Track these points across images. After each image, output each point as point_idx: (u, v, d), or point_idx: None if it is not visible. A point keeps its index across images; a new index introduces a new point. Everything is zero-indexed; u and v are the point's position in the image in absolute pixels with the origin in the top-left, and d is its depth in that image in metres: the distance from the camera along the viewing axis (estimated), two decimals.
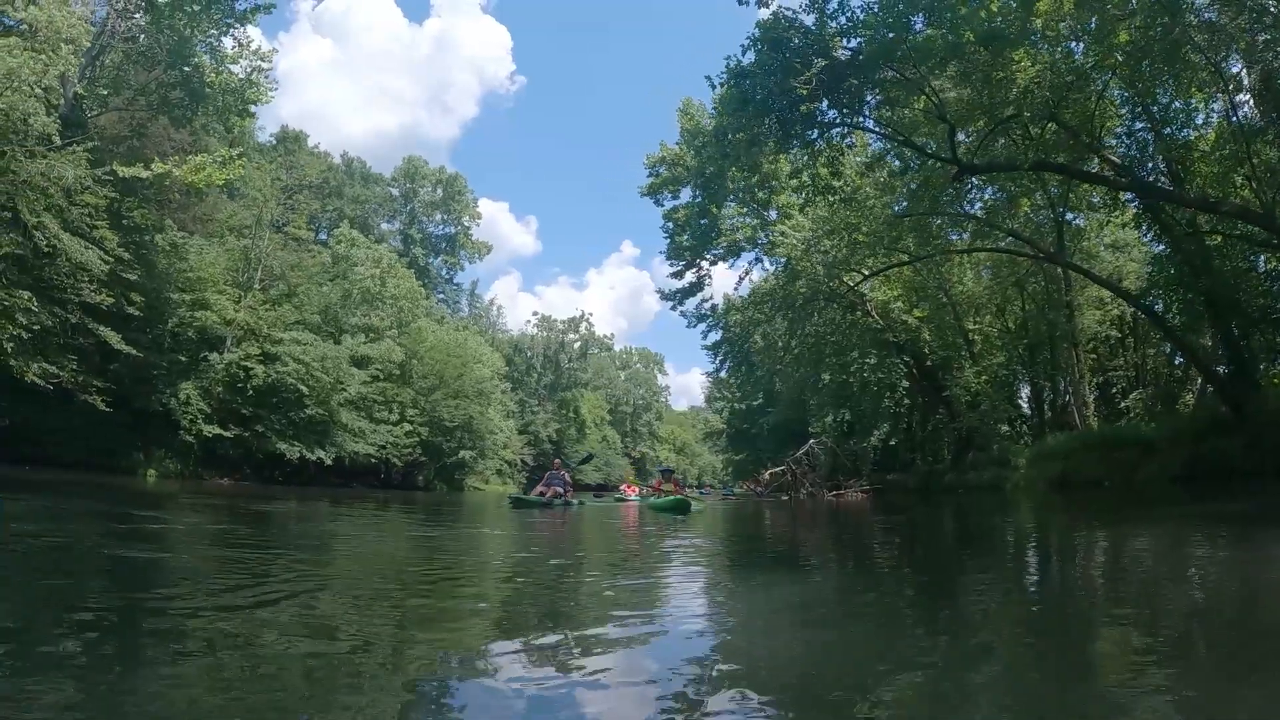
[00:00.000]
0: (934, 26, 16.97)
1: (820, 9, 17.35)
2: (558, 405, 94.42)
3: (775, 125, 18.79)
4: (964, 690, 3.32)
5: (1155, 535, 10.54)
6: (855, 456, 42.05)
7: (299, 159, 60.66)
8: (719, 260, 46.44)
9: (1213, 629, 4.58)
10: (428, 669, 3.38)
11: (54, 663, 3.11)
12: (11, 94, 18.18)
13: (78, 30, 19.62)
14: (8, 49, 18.29)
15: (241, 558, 7.25)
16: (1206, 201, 17.30)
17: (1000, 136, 18.80)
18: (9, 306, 19.99)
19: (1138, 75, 17.34)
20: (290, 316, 33.90)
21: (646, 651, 3.88)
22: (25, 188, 20.68)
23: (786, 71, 17.64)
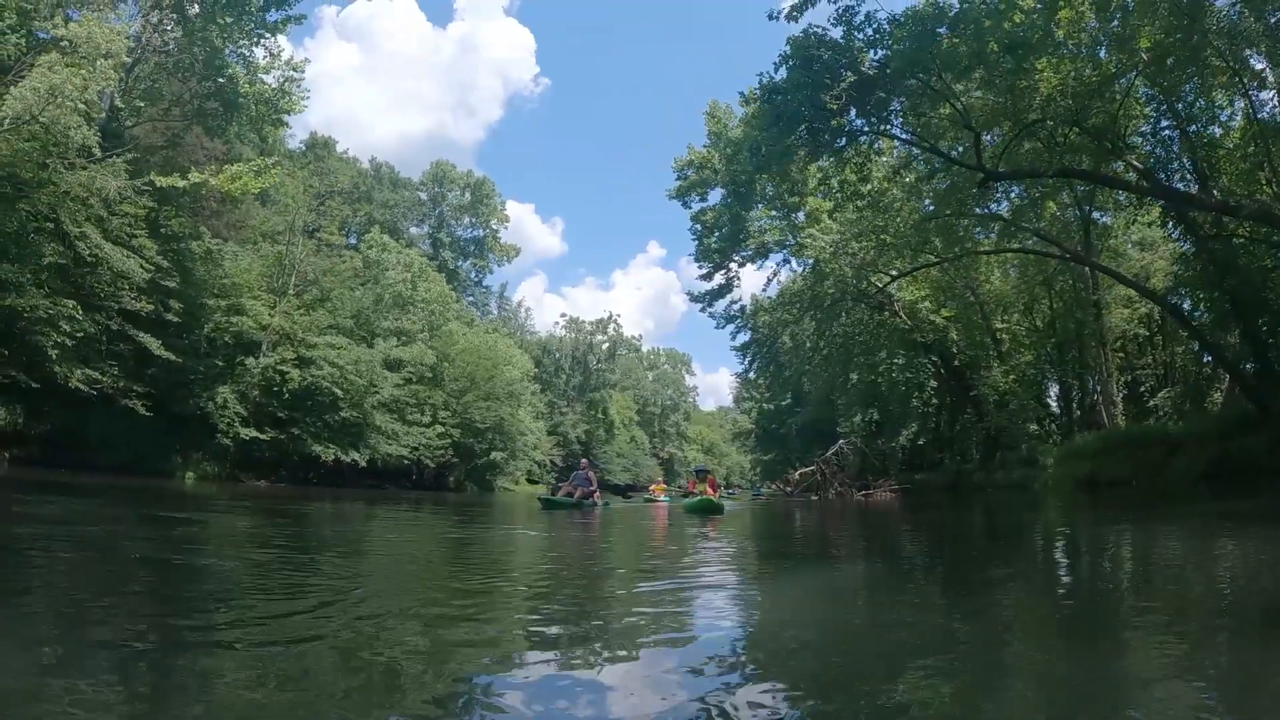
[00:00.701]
0: (958, 37, 17.20)
1: (848, 21, 17.69)
2: (586, 406, 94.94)
3: (805, 135, 19.41)
4: (992, 683, 3.40)
5: (1175, 532, 10.71)
6: (884, 456, 42.15)
7: (328, 165, 61.46)
8: (747, 262, 46.67)
9: (1232, 621, 4.70)
10: (462, 667, 3.42)
11: (100, 658, 3.28)
12: (54, 109, 18.66)
13: (117, 45, 20.08)
14: (49, 65, 18.79)
15: (282, 558, 7.55)
16: (1227, 205, 17.34)
17: (1025, 141, 18.93)
18: (53, 315, 20.52)
19: (1161, 73, 17.38)
20: (324, 321, 34.35)
21: (677, 644, 3.99)
22: (66, 199, 21.24)
23: (817, 87, 18.31)
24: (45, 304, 20.35)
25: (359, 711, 2.73)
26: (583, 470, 23.23)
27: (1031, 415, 35.25)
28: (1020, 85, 17.32)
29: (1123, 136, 19.37)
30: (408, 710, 2.81)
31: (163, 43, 25.22)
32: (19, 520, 9.43)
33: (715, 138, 44.56)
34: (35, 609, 4.30)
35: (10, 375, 19.95)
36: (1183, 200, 19.21)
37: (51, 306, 20.50)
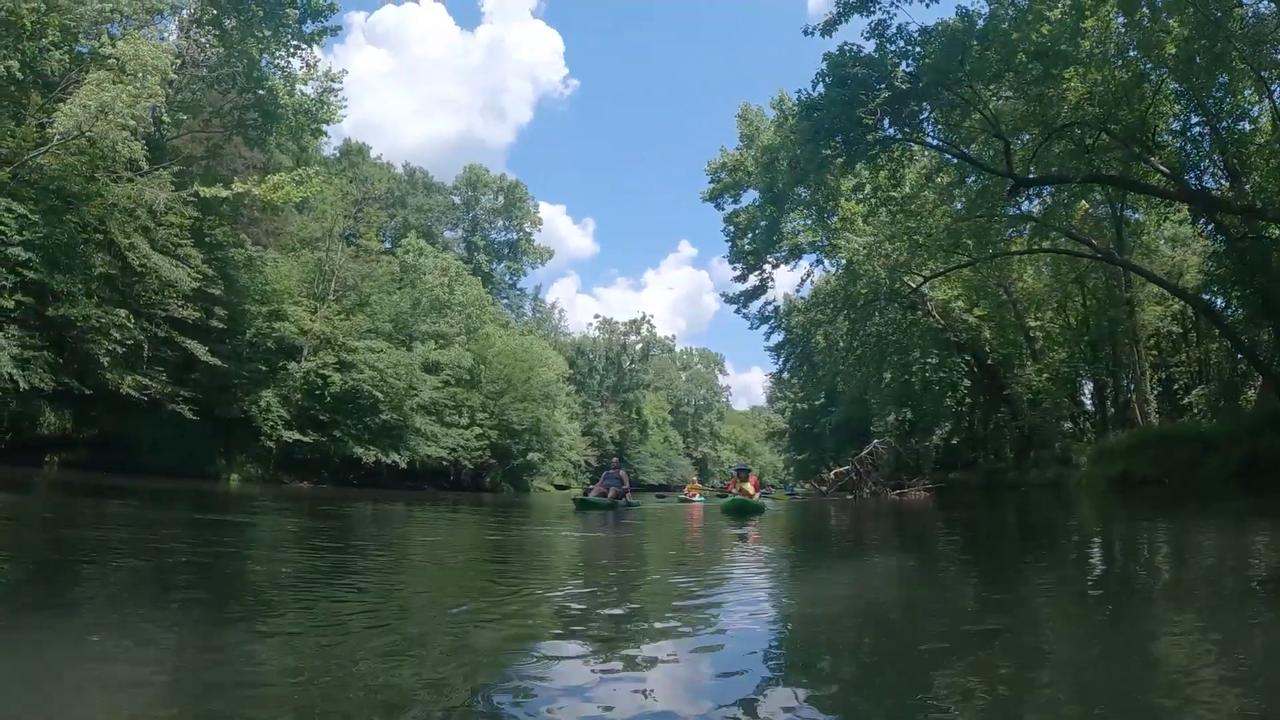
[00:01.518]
0: (987, 49, 17.54)
1: (880, 34, 18.12)
2: (620, 407, 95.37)
3: (841, 145, 20.15)
4: (1027, 676, 3.48)
5: (1205, 528, 10.91)
6: (917, 455, 42.16)
7: (363, 171, 62.23)
8: (781, 263, 46.80)
9: (1264, 612, 4.91)
10: (499, 665, 3.52)
11: (147, 648, 3.55)
12: (103, 124, 19.27)
13: (163, 62, 20.70)
14: (98, 82, 19.43)
15: (328, 557, 7.89)
16: (1252, 206, 17.46)
17: (1056, 143, 19.10)
18: (105, 324, 21.18)
19: (1190, 72, 17.48)
20: (364, 325, 34.93)
21: (712, 640, 4.14)
22: (114, 211, 21.91)
23: (853, 102, 18.98)
24: (98, 313, 21.00)
25: (395, 706, 2.85)
26: (614, 470, 23.10)
27: (1065, 413, 35.18)
28: (1048, 94, 17.54)
29: (1152, 136, 19.46)
30: (444, 706, 2.88)
31: (204, 57, 25.79)
32: (78, 523, 9.91)
33: (747, 140, 44.85)
34: (91, 603, 4.63)
35: (64, 382, 20.57)
36: (1209, 202, 19.38)
37: (104, 315, 21.15)
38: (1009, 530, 14.76)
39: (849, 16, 18.78)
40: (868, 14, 18.64)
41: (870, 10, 18.57)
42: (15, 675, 2.96)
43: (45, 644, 3.41)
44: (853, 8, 18.58)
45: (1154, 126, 19.40)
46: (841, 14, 18.84)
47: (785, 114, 40.86)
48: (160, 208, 22.72)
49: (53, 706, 2.68)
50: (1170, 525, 12.14)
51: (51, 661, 3.13)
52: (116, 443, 24.99)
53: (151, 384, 23.61)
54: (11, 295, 18.98)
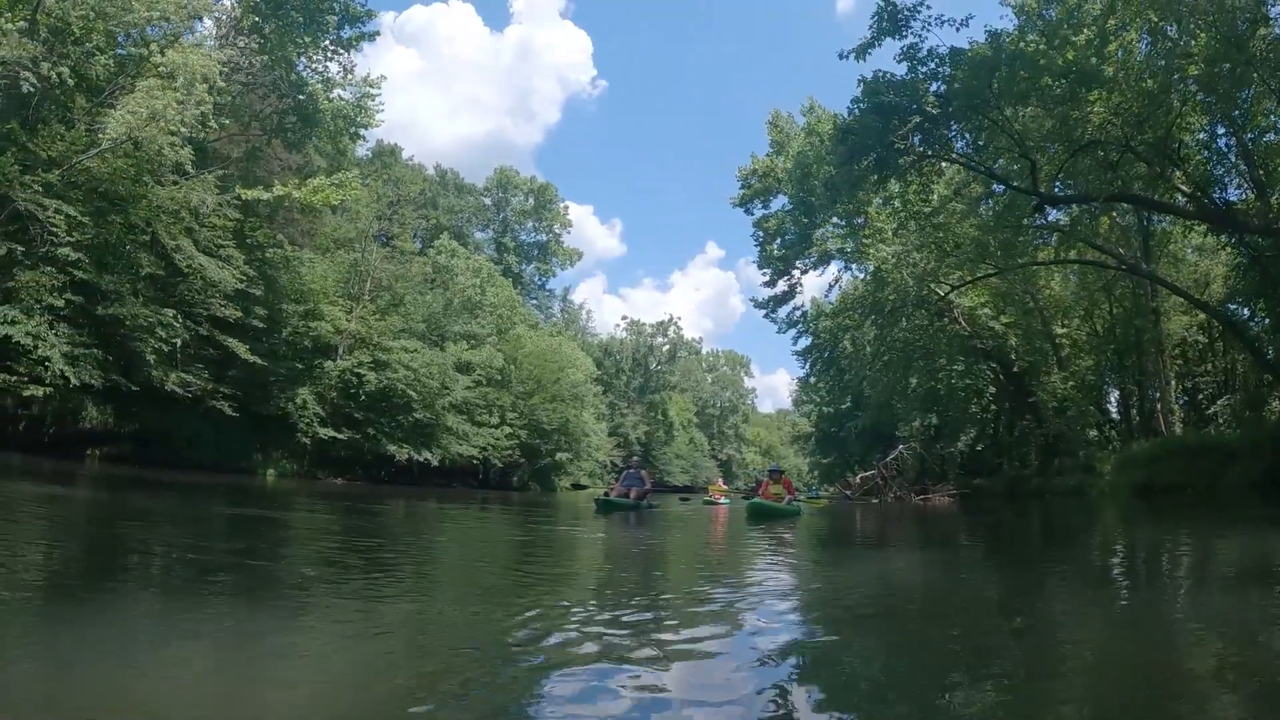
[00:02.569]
0: (1013, 74, 18.02)
1: (911, 57, 18.64)
2: (646, 408, 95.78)
3: (874, 164, 20.79)
4: (1046, 676, 3.60)
5: (1223, 536, 11.20)
6: (942, 461, 42.33)
7: (395, 172, 62.88)
8: (809, 269, 47.00)
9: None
10: (519, 664, 3.53)
11: (183, 637, 3.72)
12: (153, 130, 19.89)
13: (211, 71, 21.30)
14: (148, 90, 20.05)
15: (366, 553, 8.11)
16: (1269, 226, 17.65)
17: (1081, 158, 19.38)
18: (151, 322, 21.82)
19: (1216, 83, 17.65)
20: (398, 325, 35.58)
21: (732, 640, 4.17)
22: (160, 213, 22.54)
23: (885, 128, 19.81)
24: (145, 312, 21.64)
25: (416, 701, 2.90)
26: (634, 469, 22.12)
27: (1091, 421, 35.24)
28: (1073, 114, 17.86)
29: (1178, 150, 19.64)
30: (465, 702, 2.94)
31: (248, 64, 26.32)
32: (124, 516, 10.29)
33: (777, 147, 45.19)
34: (134, 596, 4.86)
35: (112, 379, 21.18)
36: (1228, 221, 19.57)
37: (151, 315, 21.79)
38: (1031, 535, 15.16)
39: (882, 40, 19.37)
40: (900, 38, 19.22)
41: (902, 34, 19.14)
42: (60, 666, 3.06)
43: (88, 634, 3.59)
44: (885, 31, 19.16)
45: (1179, 140, 19.53)
46: (875, 38, 19.41)
47: (815, 120, 41.33)
48: (207, 210, 23.33)
49: (87, 696, 2.79)
50: (1188, 532, 12.45)
51: (91, 652, 3.27)
52: (157, 438, 25.53)
53: (194, 381, 24.20)
54: (62, 294, 19.58)
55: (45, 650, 3.31)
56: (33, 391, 19.04)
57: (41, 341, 18.88)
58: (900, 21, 18.96)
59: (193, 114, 20.45)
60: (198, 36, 26.69)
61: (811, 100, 43.86)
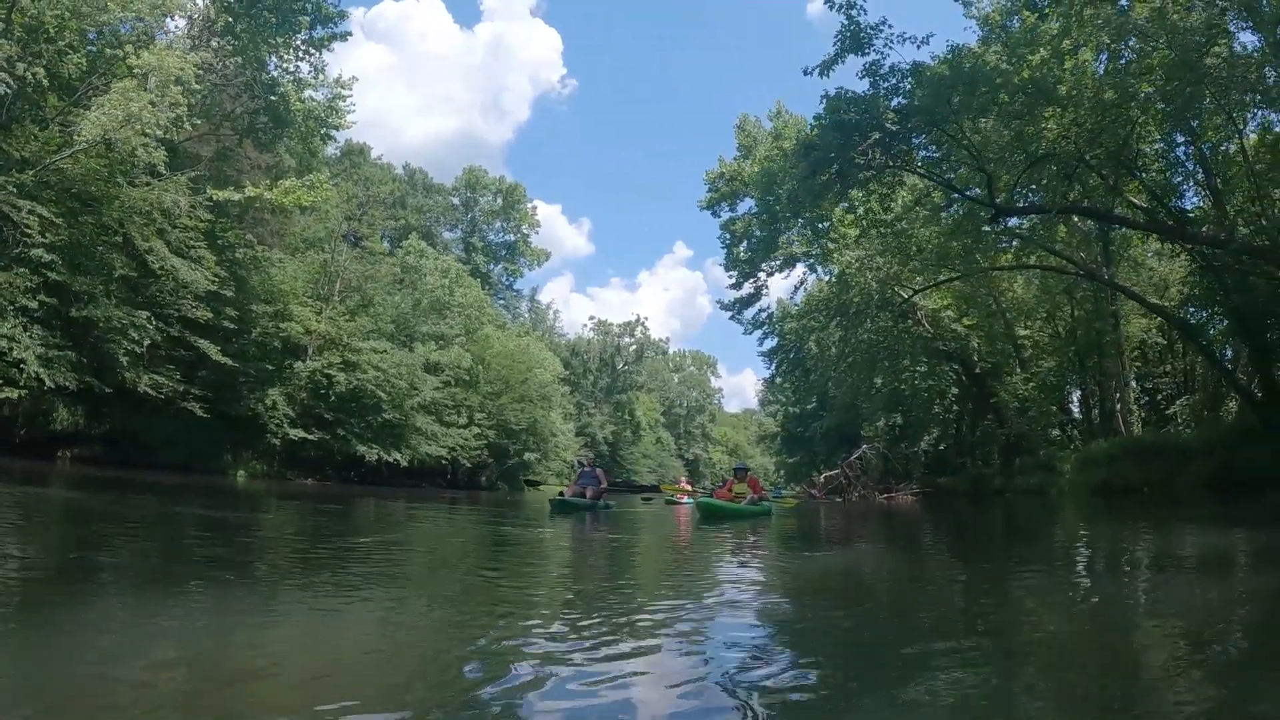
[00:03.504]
0: (972, 92, 18.67)
1: (874, 73, 19.17)
2: (614, 408, 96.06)
3: (835, 177, 21.30)
4: (1006, 670, 3.65)
5: (1174, 533, 11.66)
6: (906, 460, 42.99)
7: (364, 171, 62.74)
8: (775, 272, 47.51)
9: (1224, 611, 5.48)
10: (484, 665, 3.46)
11: (159, 632, 3.76)
12: (128, 131, 19.95)
13: (187, 73, 21.36)
14: (124, 92, 20.11)
15: (337, 552, 8.21)
16: (1216, 238, 18.34)
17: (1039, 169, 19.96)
18: (124, 324, 21.86)
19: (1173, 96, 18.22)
20: (367, 326, 35.67)
21: (696, 637, 4.13)
22: (133, 215, 22.54)
23: (847, 145, 20.30)
24: (119, 314, 21.68)
25: (387, 701, 2.91)
26: (589, 468, 21.50)
27: (1053, 421, 35.91)
28: (1029, 132, 18.45)
29: (1134, 159, 20.23)
30: (435, 701, 2.95)
31: (221, 64, 26.38)
32: (96, 517, 10.30)
33: (745, 150, 45.78)
34: (108, 595, 4.88)
35: (85, 381, 21.21)
36: (1175, 233, 20.31)
37: (124, 316, 21.84)
38: (991, 532, 15.59)
39: (845, 57, 19.90)
40: (863, 54, 19.74)
41: (865, 52, 19.67)
42: (34, 666, 3.10)
43: (61, 633, 3.64)
44: (848, 49, 19.71)
45: (1136, 150, 20.10)
46: (838, 55, 19.94)
47: (782, 124, 42.02)
48: (181, 212, 23.34)
49: (64, 694, 2.82)
50: (1143, 529, 12.95)
51: (65, 651, 3.32)
52: (127, 439, 25.56)
53: (166, 382, 24.22)
54: (35, 296, 19.61)
55: (19, 649, 3.35)
56: (7, 394, 19.09)
57: (15, 344, 18.95)
58: (863, 39, 19.51)
59: (167, 116, 20.51)
60: (171, 36, 26.63)
61: (779, 105, 44.68)
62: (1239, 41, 18.06)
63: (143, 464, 24.41)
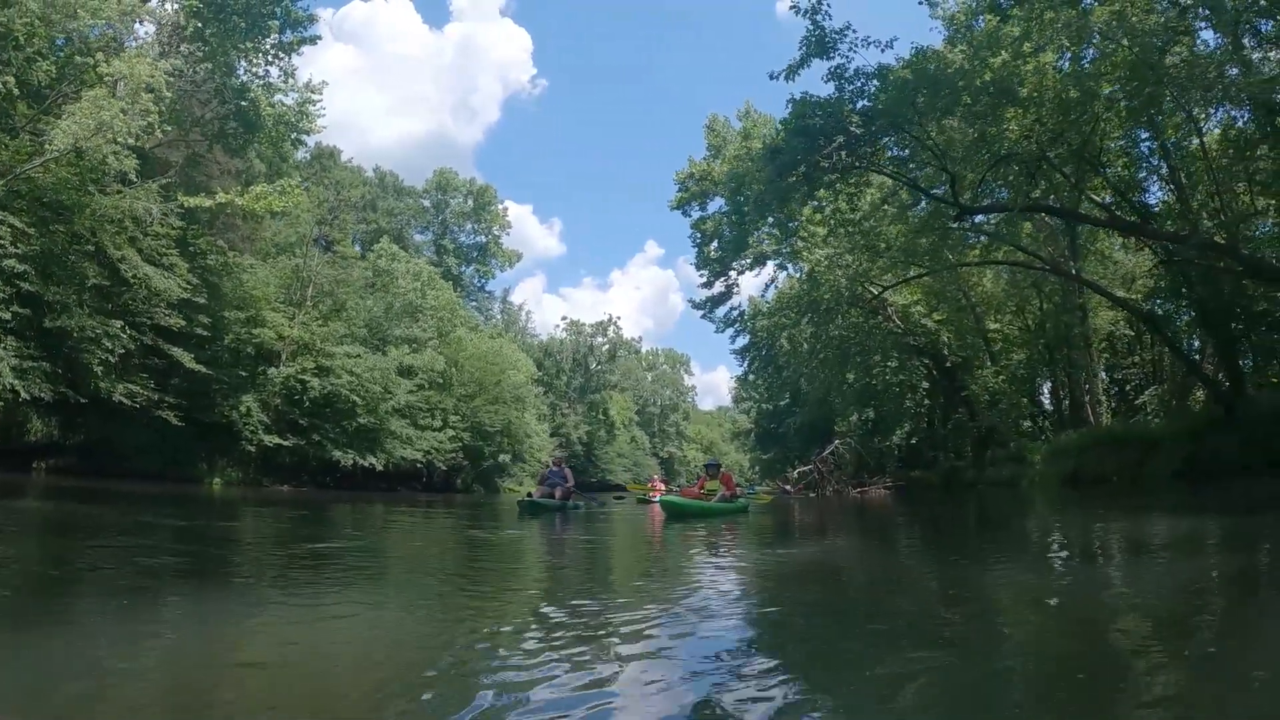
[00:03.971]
0: (934, 95, 19.09)
1: (839, 77, 19.53)
2: (587, 408, 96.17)
3: (801, 178, 21.66)
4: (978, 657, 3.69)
5: (1139, 521, 11.86)
6: (879, 454, 43.43)
7: (334, 175, 62.56)
8: (746, 270, 47.83)
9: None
10: (461, 667, 3.47)
11: (134, 645, 3.72)
12: (99, 140, 19.90)
13: (158, 81, 21.32)
14: (96, 100, 20.04)
15: (316, 558, 8.14)
16: (1175, 235, 18.79)
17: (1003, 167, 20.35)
18: (99, 334, 21.80)
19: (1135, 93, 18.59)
20: (340, 330, 35.61)
21: (670, 640, 4.06)
22: (104, 223, 22.47)
23: (812, 148, 20.68)
24: (93, 324, 21.62)
25: (366, 704, 2.96)
26: (557, 467, 20.65)
27: (1024, 413, 36.42)
28: (991, 133, 18.83)
29: (1098, 155, 20.61)
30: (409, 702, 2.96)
31: (191, 70, 26.31)
32: (75, 527, 10.32)
33: (714, 150, 46.09)
34: (86, 601, 4.96)
35: (60, 391, 21.14)
36: (1134, 229, 20.78)
37: (98, 326, 21.77)
38: (959, 523, 15.89)
39: (810, 62, 20.32)
40: (828, 59, 20.14)
41: (830, 56, 20.08)
42: (15, 675, 3.14)
43: (45, 640, 3.67)
44: (814, 54, 20.12)
45: (1100, 147, 20.45)
46: (803, 59, 20.36)
47: (751, 124, 42.37)
48: (155, 219, 23.30)
49: (48, 698, 2.86)
50: (1109, 517, 13.23)
51: (50, 656, 3.37)
52: (102, 448, 25.43)
53: (141, 391, 24.15)
54: (8, 307, 19.53)
55: (3, 655, 3.39)
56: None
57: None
58: (828, 44, 19.91)
59: (139, 124, 20.47)
60: (140, 41, 26.54)
61: (748, 105, 45.03)
62: (1201, 39, 18.52)
63: (118, 473, 24.24)
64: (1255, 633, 4.12)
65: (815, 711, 2.94)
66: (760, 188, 23.75)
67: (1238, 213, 19.07)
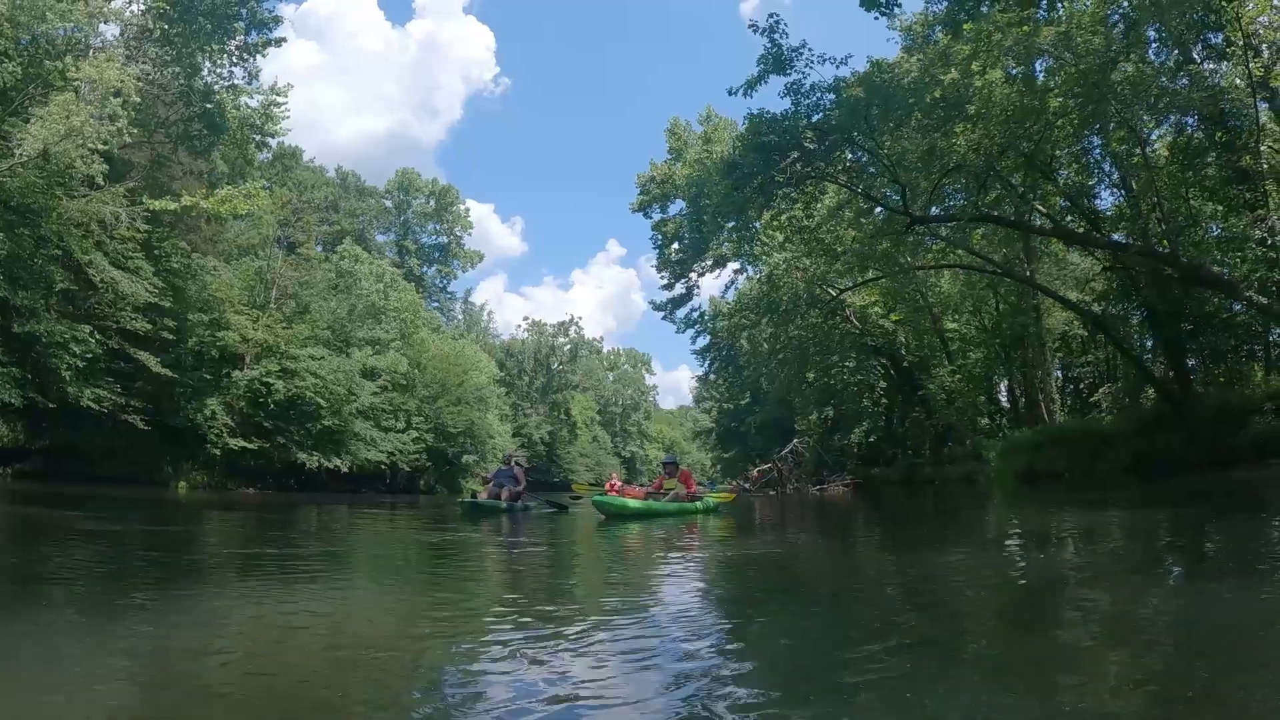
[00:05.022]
0: (886, 110, 19.84)
1: (795, 91, 20.24)
2: (549, 408, 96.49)
3: (757, 190, 22.39)
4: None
5: (1087, 513, 12.46)
6: (839, 452, 44.05)
7: (296, 175, 62.31)
8: (706, 272, 48.30)
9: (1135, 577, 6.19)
10: (437, 674, 3.51)
11: (106, 649, 3.72)
12: (68, 144, 19.93)
13: (128, 85, 21.38)
14: (65, 105, 20.07)
15: (284, 562, 8.13)
16: (1118, 244, 19.58)
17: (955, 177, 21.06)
18: (66, 339, 21.83)
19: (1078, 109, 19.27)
20: (304, 332, 35.67)
21: (641, 640, 4.08)
22: (70, 227, 22.49)
23: (768, 164, 21.49)
24: (61, 329, 21.65)
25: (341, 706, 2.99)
26: (508, 466, 19.46)
27: (982, 411, 37.10)
28: (941, 145, 19.47)
29: (1048, 163, 21.26)
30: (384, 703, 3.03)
31: (159, 73, 26.30)
32: (44, 532, 10.35)
33: (675, 153, 46.58)
34: (55, 603, 4.95)
35: (30, 397, 21.17)
36: (1081, 240, 21.68)
37: (67, 331, 21.81)
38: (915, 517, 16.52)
39: (767, 78, 21.05)
40: (785, 75, 20.82)
41: (787, 72, 20.75)
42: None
43: (15, 645, 3.71)
44: (771, 70, 20.81)
45: (1050, 155, 21.08)
46: (760, 76, 21.06)
47: (713, 128, 42.90)
48: (123, 224, 23.34)
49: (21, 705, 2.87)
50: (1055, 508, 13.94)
51: (21, 662, 3.41)
52: (68, 453, 25.45)
53: (108, 396, 24.19)
54: None
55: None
56: None
57: None
58: (785, 61, 20.58)
59: (109, 129, 20.54)
60: (105, 42, 26.44)
61: (709, 109, 45.61)
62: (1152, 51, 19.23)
63: (84, 478, 24.28)
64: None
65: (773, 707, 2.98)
66: (717, 200, 24.44)
67: (1175, 224, 19.78)
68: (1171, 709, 2.91)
